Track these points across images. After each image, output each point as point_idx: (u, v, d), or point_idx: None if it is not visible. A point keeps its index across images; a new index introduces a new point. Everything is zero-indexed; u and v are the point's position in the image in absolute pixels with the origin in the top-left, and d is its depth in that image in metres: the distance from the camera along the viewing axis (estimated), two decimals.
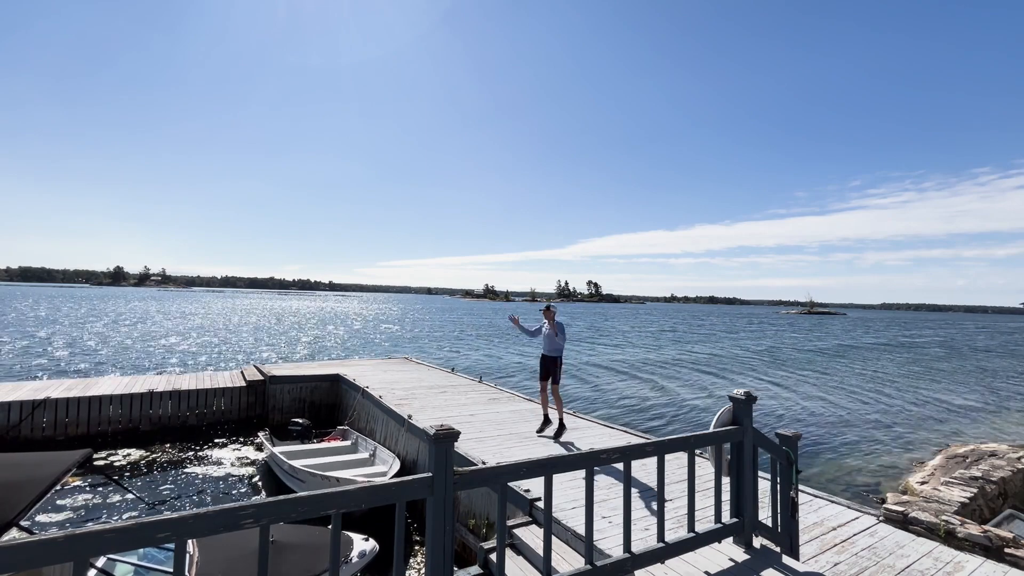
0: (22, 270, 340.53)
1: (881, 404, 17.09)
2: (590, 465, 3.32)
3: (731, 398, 4.15)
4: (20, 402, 9.48)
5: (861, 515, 4.96)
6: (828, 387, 20.26)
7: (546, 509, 3.11)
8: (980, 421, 15.20)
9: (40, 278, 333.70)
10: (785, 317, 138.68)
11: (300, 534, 4.54)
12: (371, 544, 4.89)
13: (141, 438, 10.23)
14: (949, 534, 4.50)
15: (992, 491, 7.19)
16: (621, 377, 21.27)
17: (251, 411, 11.57)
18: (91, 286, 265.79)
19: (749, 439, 4.08)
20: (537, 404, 9.42)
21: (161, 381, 11.56)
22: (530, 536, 4.58)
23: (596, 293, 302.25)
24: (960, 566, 4.00)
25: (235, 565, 3.87)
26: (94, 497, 7.50)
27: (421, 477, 2.71)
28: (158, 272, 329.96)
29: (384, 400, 9.36)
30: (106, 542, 1.94)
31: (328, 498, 2.43)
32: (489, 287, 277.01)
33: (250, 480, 8.51)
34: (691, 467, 3.86)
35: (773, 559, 4.02)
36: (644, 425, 13.21)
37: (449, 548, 2.72)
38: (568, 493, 5.08)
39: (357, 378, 11.55)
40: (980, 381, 23.47)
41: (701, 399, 17.03)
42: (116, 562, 3.76)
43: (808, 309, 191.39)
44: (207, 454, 9.65)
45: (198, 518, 2.11)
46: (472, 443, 6.90)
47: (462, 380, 12.22)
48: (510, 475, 3.03)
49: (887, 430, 13.62)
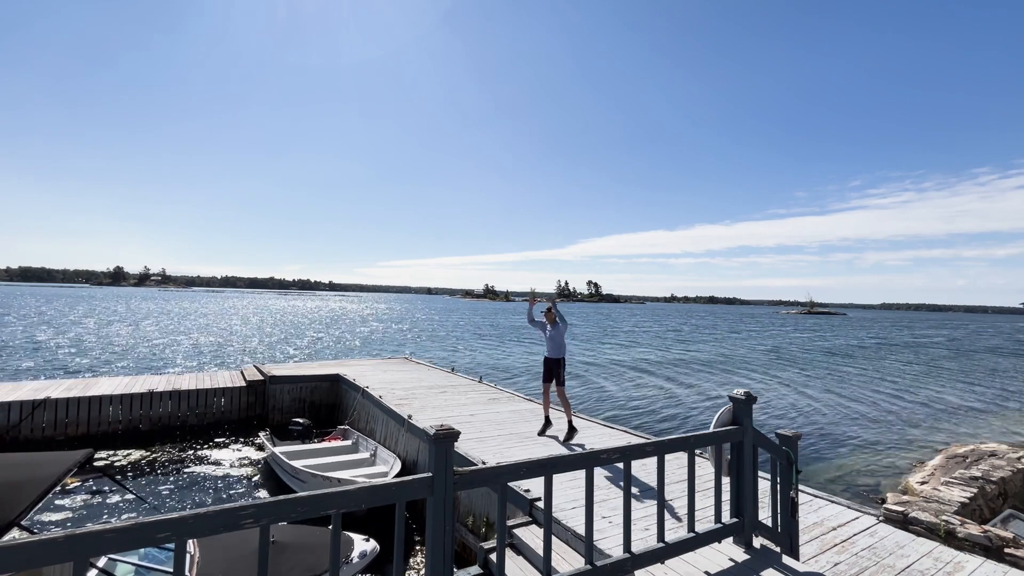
0: (22, 270, 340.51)
1: (881, 404, 17.09)
2: (590, 465, 3.33)
3: (731, 398, 4.16)
4: (20, 402, 9.48)
5: (861, 515, 4.96)
6: (828, 387, 20.26)
7: (546, 509, 3.11)
8: (980, 421, 15.20)
9: (40, 278, 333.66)
10: (785, 317, 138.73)
11: (300, 534, 4.54)
12: (371, 544, 4.89)
13: (141, 438, 10.24)
14: (949, 534, 4.50)
15: (992, 491, 7.19)
16: (621, 377, 21.27)
17: (251, 411, 11.57)
18: (91, 286, 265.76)
19: (749, 439, 4.08)
20: (537, 404, 9.42)
21: (161, 381, 11.56)
22: (530, 536, 4.58)
23: (596, 293, 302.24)
24: (960, 566, 4.00)
25: (235, 565, 3.88)
26: (94, 497, 7.50)
27: (421, 477, 2.71)
28: (158, 272, 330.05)
29: (384, 400, 9.36)
30: (106, 542, 1.95)
31: (328, 498, 2.43)
32: (489, 287, 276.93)
33: (250, 480, 8.51)
34: (691, 467, 3.86)
35: (773, 559, 4.02)
36: (644, 425, 13.21)
37: (449, 548, 2.72)
38: (568, 493, 5.08)
39: (357, 378, 11.55)
40: (980, 381, 23.48)
41: (701, 399, 17.03)
42: (116, 562, 3.77)
43: (808, 309, 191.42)
44: (207, 454, 9.64)
45: (198, 518, 2.12)
46: (472, 443, 6.91)
47: (462, 380, 12.22)
48: (510, 475, 3.03)
49: (887, 430, 13.62)
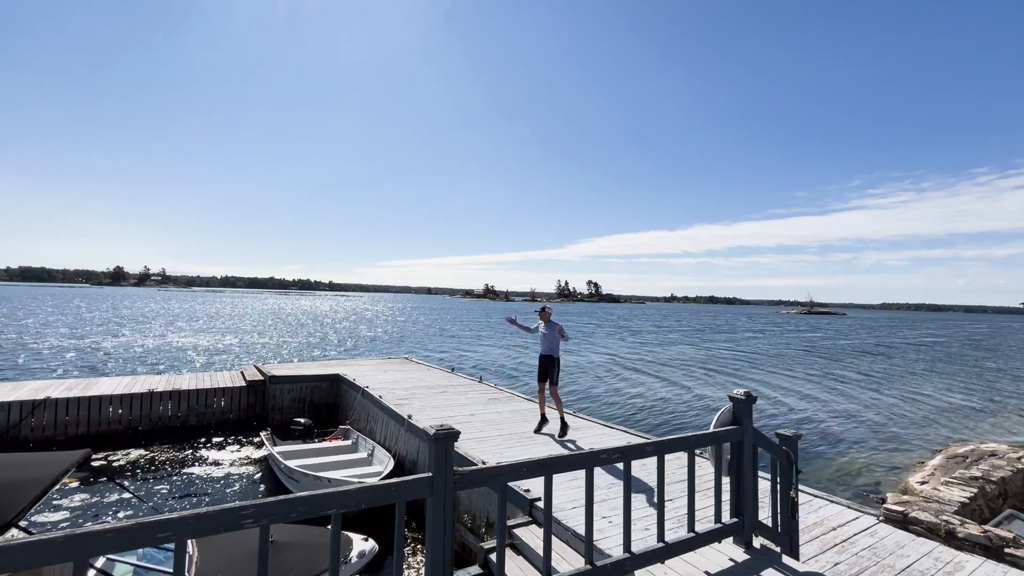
0: (22, 270, 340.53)
1: (881, 404, 17.09)
2: (590, 465, 3.32)
3: (731, 398, 4.15)
4: (20, 402, 9.48)
5: (861, 515, 4.96)
6: (828, 387, 20.27)
7: (546, 509, 3.11)
8: (980, 421, 15.20)
9: (40, 278, 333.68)
10: (785, 317, 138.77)
11: (300, 534, 4.54)
12: (371, 544, 4.89)
13: (141, 438, 10.24)
14: (949, 534, 4.50)
15: (992, 491, 7.19)
16: (621, 377, 21.27)
17: (251, 411, 11.57)
18: (91, 286, 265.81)
19: (749, 439, 4.08)
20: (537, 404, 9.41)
21: (161, 381, 11.55)
22: (530, 536, 4.58)
23: (596, 293, 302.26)
24: (960, 566, 4.00)
25: (235, 565, 3.87)
26: (94, 497, 7.50)
27: (421, 477, 2.71)
28: (158, 272, 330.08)
29: (384, 400, 9.36)
30: (106, 542, 1.94)
31: (328, 498, 2.43)
32: (489, 287, 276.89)
33: (250, 480, 8.51)
34: (691, 467, 3.86)
35: (773, 559, 4.02)
36: (644, 425, 13.21)
37: (449, 548, 2.72)
38: (568, 493, 5.08)
39: (357, 378, 11.55)
40: (980, 381, 23.48)
41: (701, 399, 17.02)
42: (116, 562, 3.77)
43: (808, 309, 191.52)
44: (207, 454, 9.64)
45: (198, 518, 2.11)
46: (472, 443, 6.90)
47: (462, 380, 12.22)
48: (510, 475, 3.03)
49: (887, 430, 13.62)
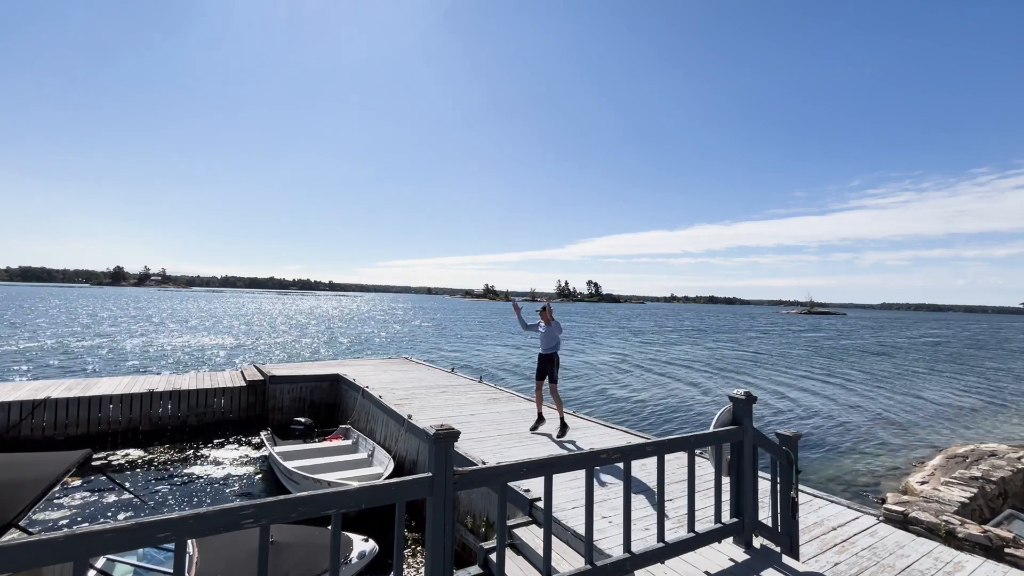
0: (22, 270, 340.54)
1: (881, 404, 17.09)
2: (590, 465, 3.32)
3: (731, 398, 4.15)
4: (20, 402, 9.48)
5: (861, 515, 4.96)
6: (828, 387, 20.26)
7: (546, 509, 3.11)
8: (980, 421, 15.20)
9: (40, 278, 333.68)
10: (785, 317, 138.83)
11: (300, 534, 4.54)
12: (371, 544, 4.89)
13: (141, 438, 10.23)
14: (949, 534, 4.50)
15: (992, 491, 7.19)
16: (621, 376, 21.27)
17: (251, 411, 11.57)
18: (91, 286, 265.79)
19: (749, 439, 4.08)
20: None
21: (161, 381, 11.55)
22: (530, 536, 4.58)
23: (596, 293, 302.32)
24: (960, 566, 4.00)
25: (235, 565, 3.88)
26: (94, 497, 7.49)
27: (421, 477, 2.71)
28: (158, 272, 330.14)
29: (384, 400, 9.36)
30: (106, 542, 1.94)
31: (328, 498, 2.43)
32: (489, 287, 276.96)
33: (250, 480, 8.51)
34: (691, 467, 3.86)
35: (773, 559, 4.02)
36: (644, 425, 13.21)
37: (449, 548, 2.72)
38: (568, 493, 5.08)
39: (357, 378, 11.54)
40: (980, 381, 23.47)
41: (701, 399, 17.03)
42: (116, 562, 3.77)
43: (808, 309, 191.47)
44: (207, 454, 9.64)
45: (198, 518, 2.11)
46: (472, 443, 6.90)
47: (462, 380, 12.22)
48: (510, 475, 3.03)
49: (887, 430, 13.62)
